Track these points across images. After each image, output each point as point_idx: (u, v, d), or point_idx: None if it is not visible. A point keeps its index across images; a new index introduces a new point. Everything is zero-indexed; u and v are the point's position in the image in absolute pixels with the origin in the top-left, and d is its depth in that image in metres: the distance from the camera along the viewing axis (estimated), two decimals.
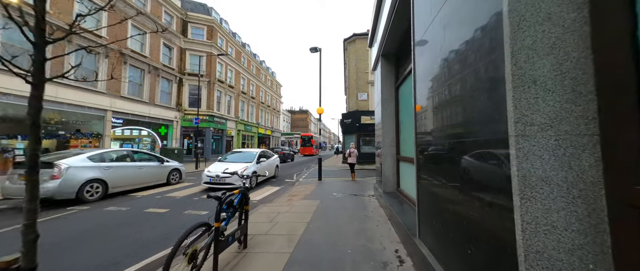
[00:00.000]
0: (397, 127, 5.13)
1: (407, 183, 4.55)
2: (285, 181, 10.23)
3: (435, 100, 2.13)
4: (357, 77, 19.08)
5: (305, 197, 6.53)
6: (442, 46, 1.95)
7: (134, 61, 15.99)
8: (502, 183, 1.23)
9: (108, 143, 14.26)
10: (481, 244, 1.44)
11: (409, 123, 4.44)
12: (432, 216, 2.20)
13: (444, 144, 1.96)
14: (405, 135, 4.59)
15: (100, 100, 13.85)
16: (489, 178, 1.37)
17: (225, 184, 7.63)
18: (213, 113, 21.81)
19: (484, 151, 1.43)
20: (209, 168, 8.42)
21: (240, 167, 7.97)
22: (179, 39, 20.45)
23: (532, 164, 1.11)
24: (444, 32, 1.91)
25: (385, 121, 5.26)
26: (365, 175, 12.03)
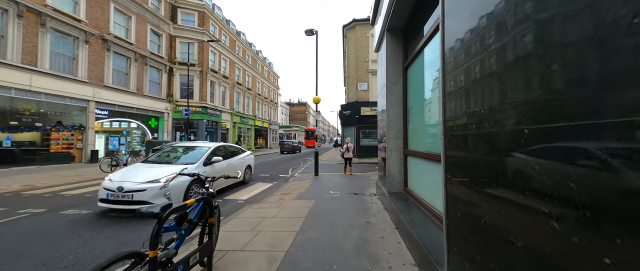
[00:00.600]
0: (405, 116, 4.32)
1: (418, 183, 3.77)
2: (280, 176, 9.48)
3: (489, 66, 1.31)
4: (357, 66, 18.10)
5: (299, 195, 5.78)
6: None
7: (118, 48, 14.94)
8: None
9: (92, 136, 13.41)
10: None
11: (420, 110, 3.63)
12: (476, 245, 1.42)
13: (508, 133, 1.16)
14: (417, 125, 3.78)
15: (82, 89, 12.91)
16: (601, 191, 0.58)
17: (136, 202, 4.39)
18: (206, 104, 20.88)
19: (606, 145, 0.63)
20: (115, 173, 5.20)
21: (166, 172, 4.86)
22: (168, 26, 19.29)
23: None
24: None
25: (391, 109, 4.44)
26: (366, 169, 11.29)
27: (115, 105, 14.90)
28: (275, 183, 7.98)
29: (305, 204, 4.91)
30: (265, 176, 9.49)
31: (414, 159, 3.87)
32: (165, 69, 18.97)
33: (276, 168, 12.30)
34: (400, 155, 4.42)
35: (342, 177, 8.72)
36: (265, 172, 10.75)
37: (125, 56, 15.63)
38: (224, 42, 24.36)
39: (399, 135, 4.44)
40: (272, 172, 10.79)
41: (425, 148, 3.36)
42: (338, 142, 40.32)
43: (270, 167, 12.53)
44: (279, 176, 9.59)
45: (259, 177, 9.23)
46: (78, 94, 12.73)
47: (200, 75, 20.74)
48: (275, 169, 11.75)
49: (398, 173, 4.40)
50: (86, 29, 12.95)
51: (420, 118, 3.59)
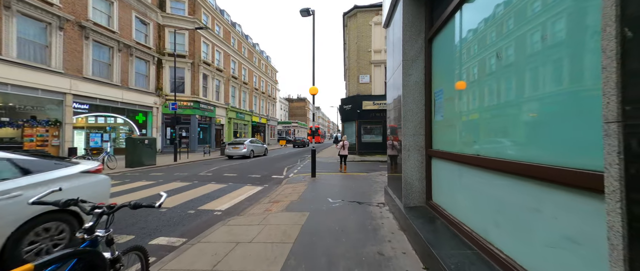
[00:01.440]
0: (429, 104, 3.20)
1: (454, 199, 2.68)
2: (272, 177, 8.40)
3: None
4: (358, 57, 16.89)
5: (290, 205, 4.70)
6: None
7: (98, 36, 13.72)
8: None
9: (69, 132, 12.29)
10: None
11: (457, 94, 2.52)
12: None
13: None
14: (451, 115, 2.67)
15: (57, 81, 11.74)
16: None
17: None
18: (198, 98, 19.71)
19: None
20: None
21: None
22: (156, 14, 18.00)
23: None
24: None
25: (409, 95, 3.32)
26: (369, 169, 10.21)
27: (97, 99, 13.75)
28: (265, 187, 6.91)
29: (296, 219, 3.83)
30: (256, 177, 8.41)
31: (446, 164, 2.77)
32: (154, 61, 17.75)
33: (270, 167, 11.22)
34: (420, 157, 3.31)
35: (342, 179, 7.64)
36: (257, 171, 9.68)
37: (107, 45, 14.42)
38: (218, 33, 23.06)
39: (418, 130, 3.33)
40: (264, 172, 9.71)
41: (469, 149, 2.26)
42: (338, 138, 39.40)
43: (264, 166, 11.45)
44: (271, 177, 8.51)
45: (248, 178, 8.15)
46: (52, 86, 11.56)
47: (191, 67, 19.52)
48: (269, 168, 10.67)
49: (418, 181, 3.31)
50: (60, 14, 11.72)
51: (459, 105, 2.48)
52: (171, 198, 5.42)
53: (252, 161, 13.75)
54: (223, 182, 7.36)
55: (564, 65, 1.33)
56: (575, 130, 1.23)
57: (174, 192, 6.04)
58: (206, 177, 8.39)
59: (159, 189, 6.42)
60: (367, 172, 9.19)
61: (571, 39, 1.29)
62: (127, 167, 10.46)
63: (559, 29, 1.38)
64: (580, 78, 1.23)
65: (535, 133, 1.52)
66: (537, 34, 1.53)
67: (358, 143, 17.14)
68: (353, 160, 13.99)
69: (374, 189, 6.02)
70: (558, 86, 1.37)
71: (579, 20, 1.24)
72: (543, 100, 1.47)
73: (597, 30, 1.11)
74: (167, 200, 5.28)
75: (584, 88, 1.21)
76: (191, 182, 7.33)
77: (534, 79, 1.56)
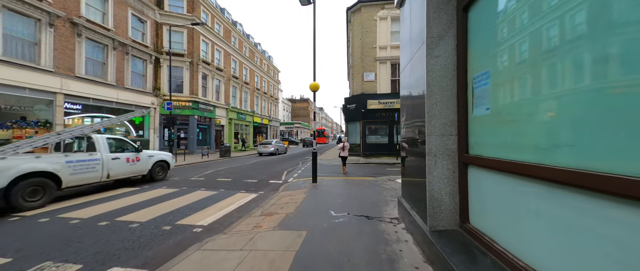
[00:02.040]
0: (464, 94, 2.41)
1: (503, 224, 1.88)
2: (269, 183, 7.65)
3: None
4: (363, 54, 16.09)
5: (285, 219, 3.93)
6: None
7: (92, 34, 13.19)
8: None
9: None
10: None
11: (519, 75, 1.72)
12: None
13: None
14: (504, 108, 1.87)
15: (46, 80, 11.20)
16: None
17: None
18: (197, 98, 19.12)
19: None
20: None
21: None
22: (153, 11, 17.48)
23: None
24: None
25: (434, 83, 2.53)
26: (376, 172, 9.40)
27: (90, 99, 13.21)
28: (260, 194, 6.16)
29: (290, 241, 3.06)
30: (252, 182, 7.67)
31: (495, 176, 1.96)
32: (151, 60, 17.21)
33: (269, 170, 10.48)
34: (451, 165, 2.51)
35: (346, 185, 6.85)
36: (254, 175, 8.94)
37: (102, 43, 13.89)
38: (218, 32, 22.50)
39: (448, 130, 2.53)
40: (262, 175, 8.97)
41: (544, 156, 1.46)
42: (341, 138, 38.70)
43: (262, 169, 10.72)
44: (268, 182, 7.76)
45: (242, 183, 7.41)
46: (41, 85, 11.03)
47: (190, 66, 18.95)
48: (267, 172, 9.93)
49: (448, 197, 2.51)
50: (50, 10, 11.19)
51: (523, 91, 1.68)
52: (149, 210, 4.70)
53: (251, 164, 13.05)
54: (214, 188, 6.64)
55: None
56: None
57: (155, 201, 5.33)
58: (197, 182, 7.68)
59: (139, 198, 5.71)
60: (374, 177, 8.38)
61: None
62: None
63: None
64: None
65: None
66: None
67: (363, 145, 16.31)
68: (357, 162, 13.18)
69: (384, 198, 5.21)
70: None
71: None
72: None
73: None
74: (142, 213, 4.57)
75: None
76: (179, 188, 6.62)
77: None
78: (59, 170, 5.25)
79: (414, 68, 3.07)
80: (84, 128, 6.31)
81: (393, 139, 15.39)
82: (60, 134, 5.81)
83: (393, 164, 12.53)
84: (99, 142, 6.40)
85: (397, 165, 12.33)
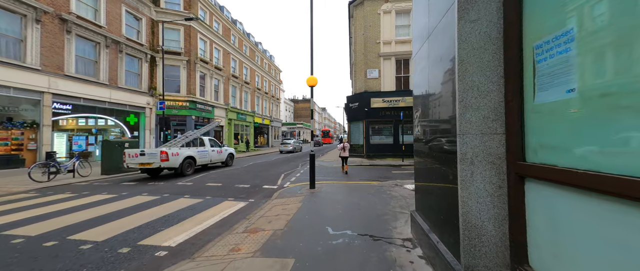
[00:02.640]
0: (517, 73, 1.63)
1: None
2: (263, 188, 6.92)
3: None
4: (366, 50, 15.30)
5: (271, 238, 3.19)
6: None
7: (82, 31, 12.66)
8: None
9: (47, 135, 11.19)
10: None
11: (626, 30, 0.94)
12: None
13: None
14: (601, 88, 1.09)
15: (33, 78, 10.66)
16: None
17: None
18: (195, 98, 18.53)
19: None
20: None
21: None
22: (149, 8, 16.94)
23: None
24: None
25: (471, 59, 1.77)
26: (381, 176, 8.62)
27: (81, 99, 12.66)
28: (250, 202, 5.43)
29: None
30: (244, 187, 6.94)
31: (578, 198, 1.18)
32: (146, 58, 16.66)
33: (265, 173, 9.75)
34: (497, 177, 1.73)
35: (348, 191, 6.08)
36: (248, 179, 8.22)
37: (93, 41, 13.35)
38: (217, 30, 21.93)
39: (491, 126, 1.75)
40: (256, 179, 8.25)
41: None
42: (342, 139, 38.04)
43: (258, 172, 10.00)
44: (262, 187, 7.03)
45: (233, 189, 6.69)
46: (27, 84, 10.49)
47: (187, 65, 18.37)
48: (263, 175, 9.20)
49: (492, 223, 1.73)
50: (37, 5, 10.66)
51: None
52: (114, 224, 4.00)
53: (247, 166, 12.35)
54: (199, 196, 5.93)
55: None
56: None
57: (126, 212, 4.63)
58: (183, 187, 6.99)
59: (111, 207, 5.03)
60: (379, 181, 7.59)
61: None
62: (103, 174, 9.21)
63: None
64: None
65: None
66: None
67: (366, 145, 15.50)
68: (361, 164, 12.39)
69: (392, 209, 4.43)
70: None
71: None
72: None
73: None
74: (104, 228, 3.84)
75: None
76: (160, 195, 5.92)
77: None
78: (195, 155, 9.68)
79: (434, 45, 2.30)
80: (195, 133, 10.83)
81: (398, 139, 14.55)
82: (188, 137, 10.26)
83: (399, 166, 11.71)
84: (205, 141, 10.83)
85: (403, 167, 11.51)
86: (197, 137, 10.58)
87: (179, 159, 8.70)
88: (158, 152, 8.31)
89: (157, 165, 8.27)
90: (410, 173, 9.44)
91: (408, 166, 11.68)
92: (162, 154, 8.30)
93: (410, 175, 8.77)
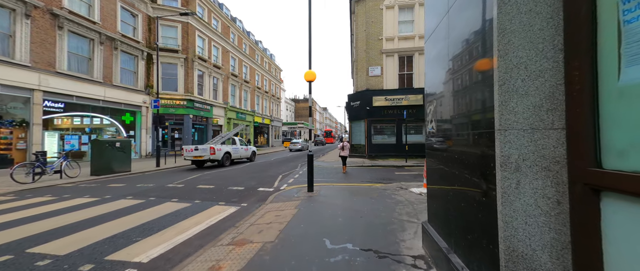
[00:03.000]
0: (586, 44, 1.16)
1: None
2: (258, 191, 6.46)
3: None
4: (368, 46, 14.82)
5: (259, 253, 2.75)
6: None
7: (75, 26, 12.28)
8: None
9: (37, 134, 10.81)
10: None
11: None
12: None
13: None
14: None
15: (22, 75, 10.29)
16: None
17: None
18: (193, 97, 18.14)
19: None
20: None
21: None
22: (146, 5, 16.56)
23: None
24: None
25: (514, 28, 1.30)
26: (384, 177, 8.16)
27: (73, 97, 12.29)
28: (242, 207, 4.97)
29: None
30: (238, 190, 6.49)
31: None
32: (143, 56, 16.28)
33: (262, 174, 9.30)
34: (554, 189, 1.25)
35: (348, 195, 5.61)
36: (243, 181, 7.77)
37: (87, 37, 12.98)
38: (216, 28, 21.53)
39: (546, 119, 1.28)
40: (252, 181, 7.80)
41: None
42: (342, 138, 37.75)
43: (255, 173, 9.56)
44: (257, 190, 6.57)
45: (225, 192, 6.24)
46: (16, 81, 10.12)
47: (184, 63, 17.97)
48: (260, 176, 8.76)
49: (548, 253, 1.25)
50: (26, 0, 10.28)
51: None
52: (85, 233, 3.56)
53: (244, 167, 11.91)
54: (188, 199, 5.49)
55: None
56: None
57: (104, 219, 4.19)
58: (172, 190, 6.55)
59: (93, 211, 4.60)
60: (382, 183, 7.12)
61: None
62: (92, 174, 8.80)
63: None
64: None
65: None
66: None
67: (368, 145, 15.02)
68: (362, 165, 11.92)
69: (398, 217, 3.95)
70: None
71: None
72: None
73: None
74: (73, 239, 3.39)
75: None
76: (145, 199, 5.48)
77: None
78: (231, 151, 12.07)
79: (457, 19, 1.83)
80: (229, 134, 13.19)
81: (401, 139, 14.06)
82: (223, 137, 12.55)
83: (402, 167, 11.22)
84: (236, 140, 13.24)
85: (406, 168, 11.02)
86: (230, 137, 13.06)
87: (221, 153, 11.24)
88: (208, 148, 10.85)
89: (206, 157, 10.80)
90: (414, 174, 8.96)
91: (412, 167, 11.19)
92: (211, 149, 10.81)
93: (415, 177, 8.29)
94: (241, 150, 13.18)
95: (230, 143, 12.77)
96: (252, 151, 14.50)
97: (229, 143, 12.61)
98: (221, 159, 11.14)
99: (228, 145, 12.22)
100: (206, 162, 11.41)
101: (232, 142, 12.91)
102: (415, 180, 7.45)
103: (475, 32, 1.58)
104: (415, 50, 14.27)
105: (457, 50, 1.86)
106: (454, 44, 1.91)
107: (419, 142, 14.34)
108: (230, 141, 12.88)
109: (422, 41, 14.25)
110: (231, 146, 12.33)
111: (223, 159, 11.31)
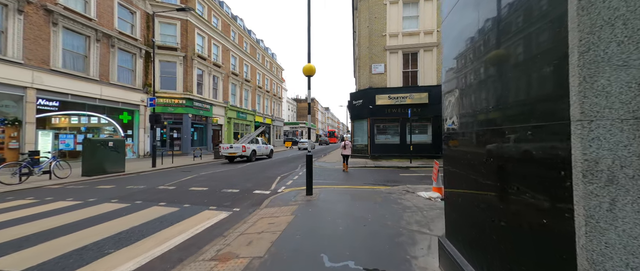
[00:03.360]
0: None
1: None
2: (253, 193, 6.04)
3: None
4: (371, 43, 14.35)
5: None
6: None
7: (70, 23, 11.97)
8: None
9: (30, 133, 10.51)
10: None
11: None
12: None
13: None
14: None
15: (14, 73, 9.98)
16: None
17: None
18: (192, 96, 17.79)
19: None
20: None
21: None
22: (144, 2, 16.24)
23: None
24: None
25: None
26: (388, 179, 7.70)
27: (68, 95, 11.98)
28: (234, 212, 4.56)
29: None
30: (231, 193, 6.08)
31: None
32: (141, 54, 15.97)
33: (260, 175, 8.89)
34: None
35: (350, 199, 5.17)
36: (239, 183, 7.36)
37: (83, 34, 12.67)
38: (216, 25, 21.19)
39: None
40: (248, 183, 7.38)
41: None
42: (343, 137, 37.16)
43: (252, 174, 9.15)
44: (253, 192, 6.15)
45: (218, 195, 5.83)
46: (8, 79, 9.81)
47: (183, 61, 17.64)
48: (257, 177, 8.34)
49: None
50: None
51: None
52: (54, 244, 3.16)
53: (242, 167, 11.51)
54: (177, 203, 5.08)
55: None
56: None
57: (81, 225, 3.80)
58: (162, 192, 6.15)
59: (71, 217, 4.22)
60: (386, 185, 6.67)
61: None
62: (83, 175, 8.45)
63: None
64: None
65: None
66: None
67: (370, 145, 14.55)
68: (365, 165, 11.45)
69: (407, 226, 3.50)
70: None
71: None
72: None
73: None
74: (39, 250, 2.94)
75: None
76: (130, 203, 5.08)
77: None
78: (255, 149, 14.36)
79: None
80: (253, 135, 15.65)
81: (406, 139, 13.56)
82: (249, 137, 14.97)
83: (407, 168, 10.74)
84: (258, 140, 15.61)
85: (411, 169, 10.54)
86: (254, 137, 15.38)
87: (249, 151, 13.54)
88: (240, 146, 13.24)
89: (239, 153, 13.17)
90: (421, 176, 8.47)
91: (417, 168, 10.70)
92: (243, 147, 13.19)
93: (421, 179, 7.82)
94: (263, 148, 15.51)
95: (255, 142, 15.07)
96: (270, 149, 16.61)
97: (255, 143, 14.93)
98: (249, 155, 13.38)
99: (253, 144, 14.54)
100: (237, 158, 13.65)
101: (255, 141, 15.21)
102: (423, 183, 6.97)
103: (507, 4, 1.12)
104: (420, 46, 13.76)
105: (500, 14, 1.41)
106: (493, 6, 1.45)
107: (424, 142, 13.81)
108: (255, 140, 15.21)
109: (427, 37, 13.74)
110: (256, 145, 14.65)
111: (251, 155, 13.59)
